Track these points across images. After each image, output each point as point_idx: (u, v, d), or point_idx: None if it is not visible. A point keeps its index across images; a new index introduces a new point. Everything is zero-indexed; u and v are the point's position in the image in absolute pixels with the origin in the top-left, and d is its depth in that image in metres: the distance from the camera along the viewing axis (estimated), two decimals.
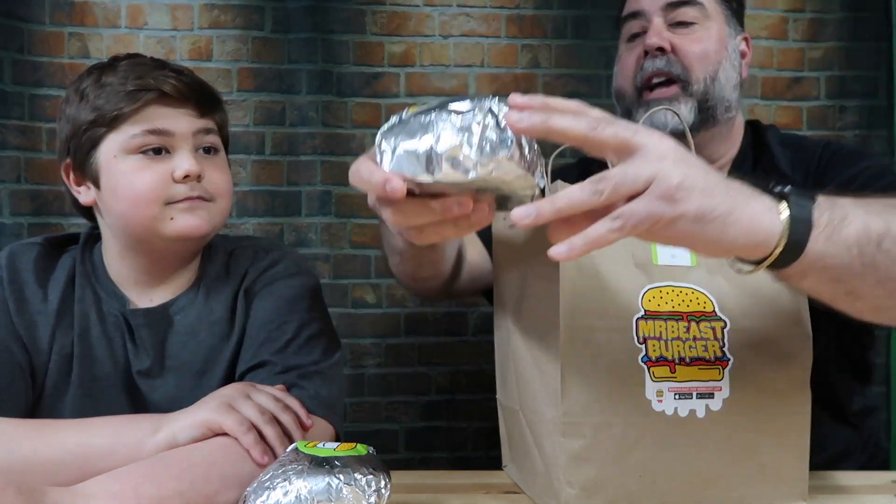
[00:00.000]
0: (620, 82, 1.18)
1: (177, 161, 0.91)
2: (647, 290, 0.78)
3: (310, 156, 1.58)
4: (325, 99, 1.58)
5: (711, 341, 0.79)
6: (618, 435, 0.76)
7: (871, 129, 1.62)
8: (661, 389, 0.77)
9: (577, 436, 0.75)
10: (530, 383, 0.83)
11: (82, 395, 0.93)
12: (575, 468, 0.76)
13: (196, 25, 1.56)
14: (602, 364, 0.76)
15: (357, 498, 0.66)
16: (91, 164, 0.93)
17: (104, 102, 0.90)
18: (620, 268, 0.78)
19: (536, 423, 0.82)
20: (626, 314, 0.77)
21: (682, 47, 1.11)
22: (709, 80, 1.11)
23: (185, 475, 0.74)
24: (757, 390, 0.79)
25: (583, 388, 0.76)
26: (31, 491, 0.68)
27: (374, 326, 1.59)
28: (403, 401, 1.59)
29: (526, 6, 1.62)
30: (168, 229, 0.91)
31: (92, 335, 0.95)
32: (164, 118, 0.91)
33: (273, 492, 0.67)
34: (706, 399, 0.78)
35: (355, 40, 1.59)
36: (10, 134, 1.50)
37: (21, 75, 1.51)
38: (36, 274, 0.95)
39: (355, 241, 1.60)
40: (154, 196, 0.90)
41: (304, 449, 0.71)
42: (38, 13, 1.52)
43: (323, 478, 0.67)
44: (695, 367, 0.78)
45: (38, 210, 1.52)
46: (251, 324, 0.96)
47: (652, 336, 0.77)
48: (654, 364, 0.77)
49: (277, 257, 1.01)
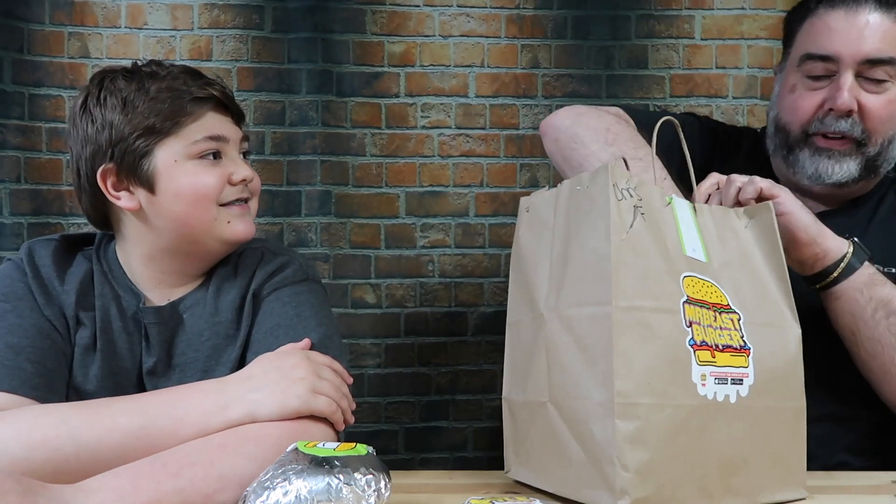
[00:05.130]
0: (789, 118, 1.13)
1: (234, 166, 0.97)
2: (685, 277, 0.80)
3: (309, 155, 1.58)
4: (325, 99, 1.58)
5: (734, 331, 0.81)
6: (668, 418, 0.76)
7: None
8: (704, 373, 0.77)
9: (631, 417, 0.74)
10: (570, 369, 0.81)
11: (103, 387, 0.94)
12: (630, 451, 0.74)
13: (196, 25, 1.56)
14: (653, 345, 0.76)
15: (357, 498, 0.66)
16: (145, 170, 0.94)
17: (160, 110, 0.93)
18: (662, 252, 0.80)
19: (578, 410, 0.80)
20: (673, 297, 0.78)
21: (870, 109, 1.07)
22: (886, 143, 1.09)
23: (184, 473, 0.74)
24: (772, 379, 0.82)
25: (635, 369, 0.75)
26: (31, 486, 0.68)
27: (374, 326, 1.59)
28: (403, 401, 1.59)
29: (526, 6, 1.62)
30: (226, 233, 0.97)
31: (113, 329, 0.96)
32: (219, 125, 0.97)
33: (273, 491, 0.67)
34: (737, 385, 0.80)
35: (355, 40, 1.59)
36: (10, 134, 1.50)
37: (21, 75, 1.51)
38: (55, 268, 0.96)
39: (355, 241, 1.60)
40: (215, 196, 0.95)
41: (304, 449, 0.71)
42: (38, 13, 1.52)
43: (323, 478, 0.67)
44: (727, 354, 0.80)
45: (37, 210, 1.52)
46: (258, 328, 0.97)
47: (695, 321, 0.79)
48: (699, 348, 0.78)
49: (286, 261, 1.02)
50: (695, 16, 1.64)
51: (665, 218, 0.82)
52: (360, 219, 1.59)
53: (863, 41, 1.06)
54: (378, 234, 1.60)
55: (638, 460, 0.74)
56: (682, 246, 0.82)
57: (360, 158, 1.58)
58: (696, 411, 0.77)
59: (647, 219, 0.79)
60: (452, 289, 1.61)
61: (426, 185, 1.61)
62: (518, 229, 0.94)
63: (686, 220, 0.84)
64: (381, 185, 1.60)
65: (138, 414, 0.81)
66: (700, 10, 1.63)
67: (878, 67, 1.07)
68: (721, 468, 0.79)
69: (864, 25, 1.06)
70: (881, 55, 1.06)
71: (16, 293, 0.93)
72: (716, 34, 1.63)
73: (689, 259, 0.82)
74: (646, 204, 0.80)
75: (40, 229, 1.50)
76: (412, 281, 1.60)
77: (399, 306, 1.60)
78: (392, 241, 1.60)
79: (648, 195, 0.81)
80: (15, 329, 0.90)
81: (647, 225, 0.79)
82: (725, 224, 0.88)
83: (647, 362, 0.76)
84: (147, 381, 0.96)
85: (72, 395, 0.93)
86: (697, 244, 0.84)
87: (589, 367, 0.78)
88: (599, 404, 0.76)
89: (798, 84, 1.12)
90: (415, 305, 1.60)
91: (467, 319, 1.61)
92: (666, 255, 0.80)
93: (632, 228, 0.78)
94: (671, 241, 0.81)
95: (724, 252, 0.86)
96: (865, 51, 1.06)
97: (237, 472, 0.76)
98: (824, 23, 1.09)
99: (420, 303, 1.60)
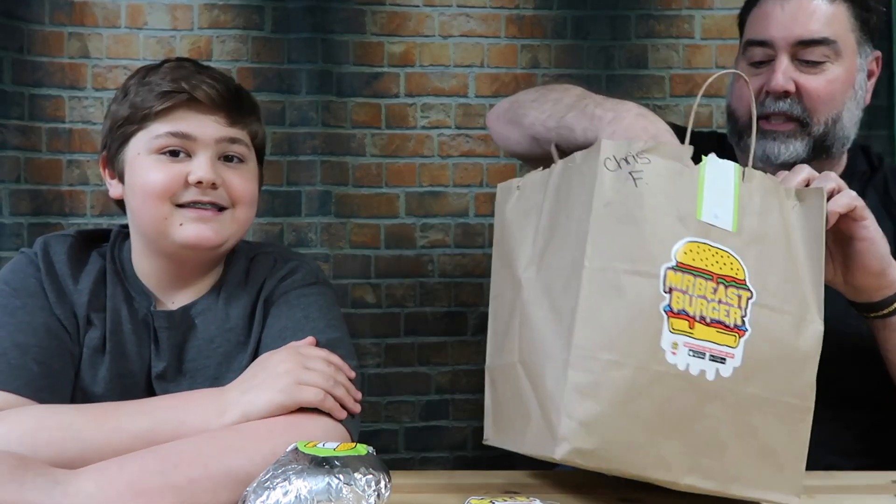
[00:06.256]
0: (737, 105, 1.16)
1: (194, 165, 0.92)
2: (686, 243, 0.78)
3: (309, 156, 1.58)
4: (325, 99, 1.58)
5: (735, 308, 0.79)
6: (627, 377, 0.75)
7: (871, 129, 1.62)
8: (676, 342, 0.76)
9: (585, 371, 0.74)
10: (540, 331, 0.81)
11: (111, 389, 0.94)
12: (578, 402, 0.74)
13: (196, 25, 1.56)
14: (622, 306, 0.76)
15: (357, 498, 0.66)
16: (119, 160, 0.95)
17: (140, 101, 0.93)
18: (660, 217, 0.78)
19: (542, 367, 0.80)
20: (655, 261, 0.77)
21: (808, 89, 1.09)
22: (830, 122, 1.10)
23: (169, 458, 0.76)
24: (766, 368, 0.79)
25: (598, 326, 0.75)
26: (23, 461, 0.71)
27: (373, 326, 1.59)
28: (403, 401, 1.60)
29: (526, 6, 1.62)
30: (176, 235, 0.93)
31: (124, 331, 0.96)
32: (190, 122, 0.93)
33: (273, 491, 0.67)
34: (717, 363, 0.78)
35: (355, 40, 1.59)
36: (10, 134, 1.50)
37: (21, 75, 1.51)
38: (69, 265, 0.95)
39: (355, 241, 1.60)
40: (163, 194, 0.91)
41: (304, 449, 0.71)
42: (38, 13, 1.52)
43: (323, 477, 0.67)
44: (713, 329, 0.78)
45: (37, 210, 1.52)
46: (267, 333, 0.96)
47: (678, 288, 0.77)
48: (675, 316, 0.76)
49: (295, 266, 1.01)
50: (695, 16, 1.64)
51: (684, 179, 0.80)
52: (360, 219, 1.59)
53: (795, 24, 1.09)
54: (378, 234, 1.60)
55: (585, 411, 0.74)
56: (698, 210, 0.80)
57: (360, 158, 1.58)
58: (662, 378, 0.76)
59: (645, 183, 0.78)
60: (452, 289, 1.61)
61: (426, 185, 1.61)
62: (503, 206, 0.94)
63: (719, 184, 0.81)
64: (381, 185, 1.60)
65: (143, 417, 0.82)
66: (700, 10, 1.64)
67: (813, 48, 1.08)
68: (688, 444, 0.77)
69: (796, 9, 1.09)
70: (813, 36, 1.08)
71: (28, 289, 0.93)
72: (716, 34, 1.64)
73: (703, 225, 0.79)
74: (654, 167, 0.78)
75: (40, 229, 1.49)
76: (412, 281, 1.60)
77: (399, 306, 1.60)
78: (392, 241, 1.60)
79: (664, 155, 0.79)
80: (24, 327, 0.90)
81: (645, 189, 0.78)
82: (773, 198, 0.84)
83: (613, 321, 0.75)
84: (157, 386, 0.96)
85: (79, 396, 0.93)
86: (727, 211, 0.81)
87: (557, 326, 0.79)
88: (560, 359, 0.77)
89: (744, 72, 1.13)
90: (415, 305, 1.60)
91: (467, 319, 1.61)
92: (663, 220, 0.78)
93: (618, 195, 0.77)
94: (681, 205, 0.79)
95: (761, 226, 0.82)
96: (797, 33, 1.08)
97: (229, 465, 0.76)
98: (762, 10, 1.13)
99: (420, 303, 1.60)
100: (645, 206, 0.78)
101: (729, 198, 0.81)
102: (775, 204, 0.84)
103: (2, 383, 0.85)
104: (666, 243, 0.78)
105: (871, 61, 1.15)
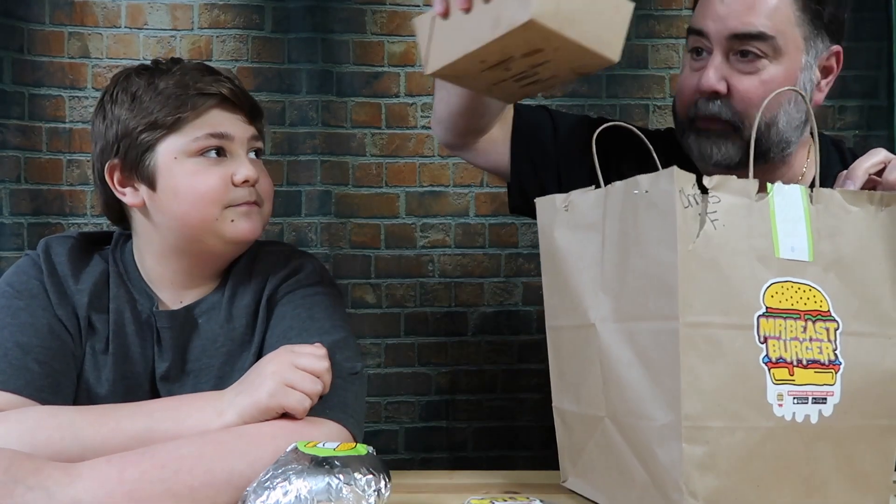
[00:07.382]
0: (677, 100, 1.09)
1: (236, 165, 0.93)
2: (771, 285, 0.75)
3: (309, 156, 1.58)
4: (325, 99, 1.58)
5: (825, 343, 0.76)
6: (740, 442, 0.72)
7: (870, 129, 1.62)
8: (781, 393, 0.73)
9: (700, 442, 0.71)
10: (630, 386, 0.77)
11: (115, 391, 0.94)
12: (698, 477, 0.71)
13: (196, 25, 1.56)
14: (723, 364, 0.72)
15: (357, 498, 0.66)
16: (147, 166, 0.93)
17: (163, 105, 0.92)
18: (741, 260, 0.74)
19: (640, 430, 0.76)
20: (747, 311, 0.73)
21: (739, 91, 1.01)
22: (763, 126, 1.01)
23: (170, 464, 0.75)
24: (861, 397, 0.77)
25: (703, 390, 0.71)
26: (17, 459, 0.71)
27: (374, 326, 1.59)
28: (403, 401, 1.59)
29: None
30: (228, 231, 0.94)
31: (127, 332, 0.96)
32: (224, 122, 0.94)
33: (273, 491, 0.67)
34: (819, 404, 0.75)
35: (355, 40, 1.59)
36: (10, 134, 1.50)
37: (21, 75, 1.51)
38: (70, 266, 0.95)
39: (355, 241, 1.60)
40: (216, 198, 0.92)
41: (304, 449, 0.71)
42: (38, 13, 1.52)
43: (323, 478, 0.67)
44: (811, 370, 0.75)
45: (37, 210, 1.52)
46: (271, 331, 0.96)
47: (772, 335, 0.74)
48: (775, 365, 0.73)
49: (300, 265, 1.01)
50: None
51: (755, 216, 0.75)
52: (360, 219, 1.59)
53: (731, 16, 0.99)
54: (378, 234, 1.60)
55: (707, 487, 0.71)
56: (775, 247, 0.75)
57: (360, 158, 1.58)
58: (772, 433, 0.73)
59: (721, 224, 0.73)
60: (452, 289, 1.61)
61: (426, 185, 1.61)
62: (550, 227, 0.88)
63: (790, 213, 0.77)
64: (381, 185, 1.60)
65: (142, 417, 0.82)
66: None
67: (748, 43, 0.99)
68: (796, 490, 0.74)
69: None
70: (748, 29, 0.98)
71: (30, 290, 0.93)
72: None
73: (783, 262, 0.75)
74: (724, 206, 0.73)
75: (40, 229, 1.49)
76: (412, 281, 1.60)
77: (399, 306, 1.60)
78: (392, 241, 1.60)
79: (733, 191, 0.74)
80: (26, 328, 0.90)
81: (723, 231, 0.73)
82: (848, 210, 0.79)
83: (717, 382, 0.71)
84: (161, 387, 0.96)
85: (83, 397, 0.93)
86: (801, 241, 0.77)
87: (652, 386, 0.74)
88: (665, 426, 0.73)
89: (686, 63, 1.08)
90: (415, 305, 1.60)
91: (467, 319, 1.61)
92: (746, 263, 0.74)
93: (699, 237, 0.72)
94: (759, 244, 0.74)
95: (834, 248, 0.78)
96: (732, 25, 0.99)
97: (230, 470, 0.76)
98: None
99: (420, 303, 1.60)
100: (726, 249, 0.73)
101: (801, 226, 0.77)
102: (851, 215, 0.79)
103: (3, 383, 0.85)
104: (754, 289, 0.74)
105: (825, 58, 1.04)
